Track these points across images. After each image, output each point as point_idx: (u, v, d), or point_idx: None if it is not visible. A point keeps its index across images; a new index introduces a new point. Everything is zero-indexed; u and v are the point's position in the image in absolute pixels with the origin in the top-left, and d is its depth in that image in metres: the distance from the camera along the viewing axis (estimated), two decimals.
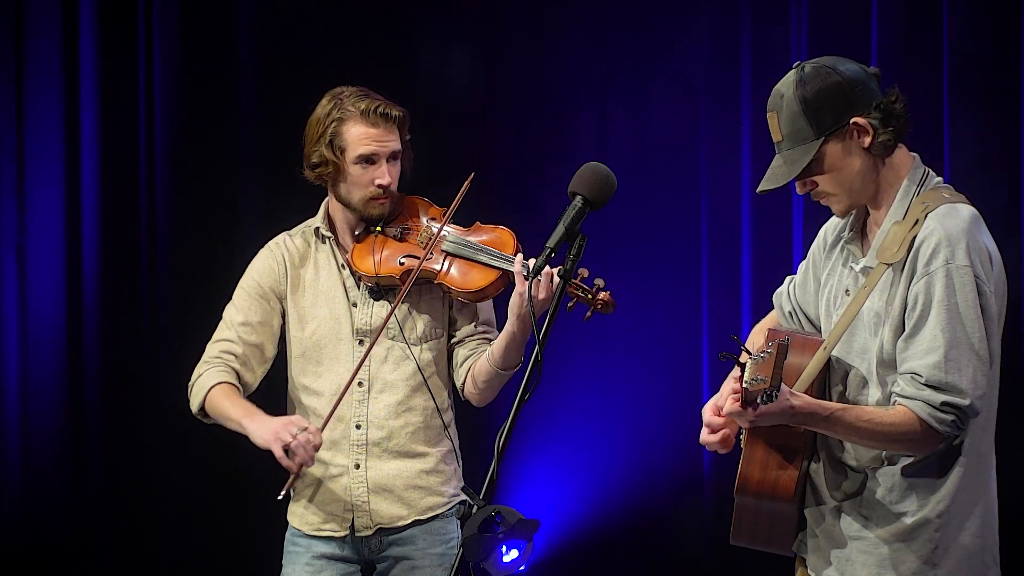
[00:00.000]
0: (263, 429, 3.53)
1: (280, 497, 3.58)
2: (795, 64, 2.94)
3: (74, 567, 6.15)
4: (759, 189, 2.96)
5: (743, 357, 2.81)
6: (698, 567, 5.66)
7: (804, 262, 3.17)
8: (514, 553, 2.70)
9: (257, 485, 5.02)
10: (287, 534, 3.77)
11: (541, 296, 3.40)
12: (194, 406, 3.72)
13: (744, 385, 2.75)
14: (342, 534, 3.66)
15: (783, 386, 2.78)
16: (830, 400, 2.94)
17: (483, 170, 3.66)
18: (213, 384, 3.66)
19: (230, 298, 3.84)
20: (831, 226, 3.13)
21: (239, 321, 3.72)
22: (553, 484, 6.82)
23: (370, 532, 3.66)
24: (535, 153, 5.94)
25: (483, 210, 3.80)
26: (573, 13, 6.08)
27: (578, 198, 2.86)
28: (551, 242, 2.84)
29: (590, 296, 3.52)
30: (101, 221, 6.91)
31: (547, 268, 3.21)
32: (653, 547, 5.95)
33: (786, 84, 2.92)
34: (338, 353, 3.65)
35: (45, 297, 6.85)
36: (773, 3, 5.72)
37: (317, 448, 3.49)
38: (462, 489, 3.28)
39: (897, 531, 2.90)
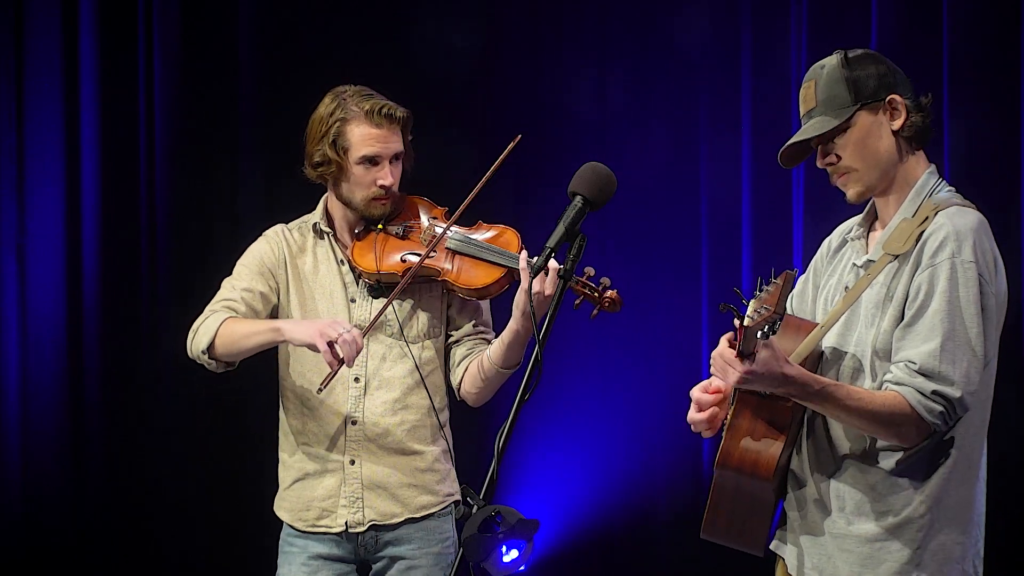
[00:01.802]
0: (306, 326, 3.50)
1: (320, 391, 3.57)
2: (837, 50, 2.99)
3: (74, 567, 6.15)
4: (789, 142, 2.97)
5: (751, 310, 2.76)
6: (697, 567, 5.66)
7: (804, 275, 3.18)
8: (514, 553, 2.69)
9: (257, 485, 5.01)
10: (282, 534, 3.76)
11: (547, 292, 3.40)
12: (201, 344, 3.62)
13: (746, 322, 2.71)
14: (336, 531, 3.65)
15: (777, 351, 2.76)
16: None
17: (482, 170, 3.66)
18: (224, 319, 3.62)
19: (229, 273, 3.82)
20: (836, 233, 3.15)
21: (242, 287, 3.70)
22: (553, 484, 6.81)
23: (363, 529, 3.65)
24: (535, 153, 5.94)
25: (483, 211, 3.80)
26: (573, 13, 6.08)
27: (578, 198, 2.86)
28: (551, 242, 2.84)
29: (596, 294, 3.54)
30: (101, 221, 6.91)
31: (552, 263, 3.21)
32: (653, 547, 5.95)
33: (829, 58, 2.98)
34: None
35: (45, 297, 6.85)
36: (773, 2, 5.73)
37: (359, 351, 3.46)
38: (462, 489, 3.28)
39: (880, 530, 2.89)
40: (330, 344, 3.43)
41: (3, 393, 6.66)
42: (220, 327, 3.60)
